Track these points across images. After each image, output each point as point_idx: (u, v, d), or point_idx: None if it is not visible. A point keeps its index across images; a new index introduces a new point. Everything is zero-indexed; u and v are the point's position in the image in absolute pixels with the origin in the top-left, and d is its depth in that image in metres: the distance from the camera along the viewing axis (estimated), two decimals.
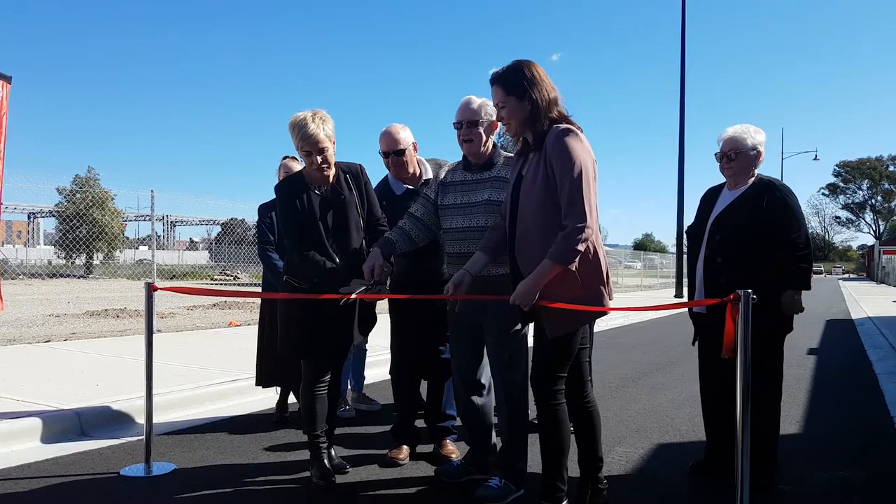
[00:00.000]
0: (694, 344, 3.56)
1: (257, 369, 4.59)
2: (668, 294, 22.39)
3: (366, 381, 5.06)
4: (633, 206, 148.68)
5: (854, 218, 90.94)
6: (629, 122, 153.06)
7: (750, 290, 2.62)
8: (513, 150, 3.12)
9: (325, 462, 3.29)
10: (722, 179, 3.51)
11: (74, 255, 24.47)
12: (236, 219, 23.39)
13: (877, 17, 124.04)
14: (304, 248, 3.20)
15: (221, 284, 23.80)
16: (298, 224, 3.21)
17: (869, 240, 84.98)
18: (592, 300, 2.75)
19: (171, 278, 22.05)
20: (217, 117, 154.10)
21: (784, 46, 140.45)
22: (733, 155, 3.33)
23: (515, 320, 3.06)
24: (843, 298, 22.29)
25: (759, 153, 3.34)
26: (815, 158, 48.26)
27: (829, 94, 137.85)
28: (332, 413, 3.41)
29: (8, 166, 4.63)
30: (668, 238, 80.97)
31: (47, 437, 3.96)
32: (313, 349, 3.27)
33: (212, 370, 5.74)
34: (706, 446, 3.53)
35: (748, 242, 3.23)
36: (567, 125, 2.76)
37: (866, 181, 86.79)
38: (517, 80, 2.78)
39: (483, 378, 3.37)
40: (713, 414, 3.46)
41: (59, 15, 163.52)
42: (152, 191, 9.95)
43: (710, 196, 3.54)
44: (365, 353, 5.02)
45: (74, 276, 24.62)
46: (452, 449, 3.73)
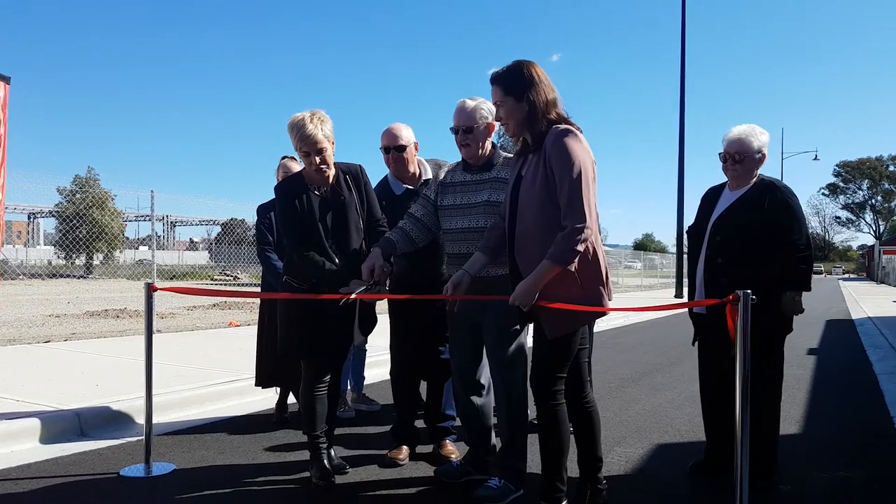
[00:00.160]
0: (694, 344, 3.56)
1: (257, 370, 4.59)
2: (668, 294, 22.39)
3: (365, 382, 5.05)
4: (633, 206, 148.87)
5: (854, 218, 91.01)
6: (629, 122, 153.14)
7: (749, 291, 2.62)
8: (512, 150, 3.12)
9: (325, 462, 3.29)
10: (722, 178, 3.50)
11: (74, 256, 24.45)
12: (236, 219, 23.36)
13: (877, 17, 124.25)
14: (303, 248, 3.19)
15: (221, 285, 23.81)
16: (298, 225, 3.21)
17: (869, 240, 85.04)
18: (592, 300, 2.75)
19: (171, 278, 22.06)
20: (217, 117, 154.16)
21: (784, 47, 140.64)
22: (739, 157, 3.30)
23: (515, 321, 3.06)
24: (843, 298, 22.30)
25: (763, 156, 3.33)
26: (815, 158, 48.29)
27: (829, 94, 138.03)
28: (331, 413, 3.41)
29: (8, 166, 4.62)
30: (668, 238, 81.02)
31: (47, 438, 3.96)
32: (313, 350, 3.27)
33: (211, 370, 5.74)
34: (706, 446, 3.53)
35: (749, 243, 3.22)
36: (566, 126, 2.75)
37: (866, 181, 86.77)
38: (516, 81, 2.78)
39: (482, 378, 3.37)
40: (713, 414, 3.46)
41: (59, 15, 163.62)
42: (152, 191, 9.94)
43: (711, 196, 3.53)
44: (365, 354, 5.02)
45: (74, 276, 24.62)
46: (452, 449, 3.73)
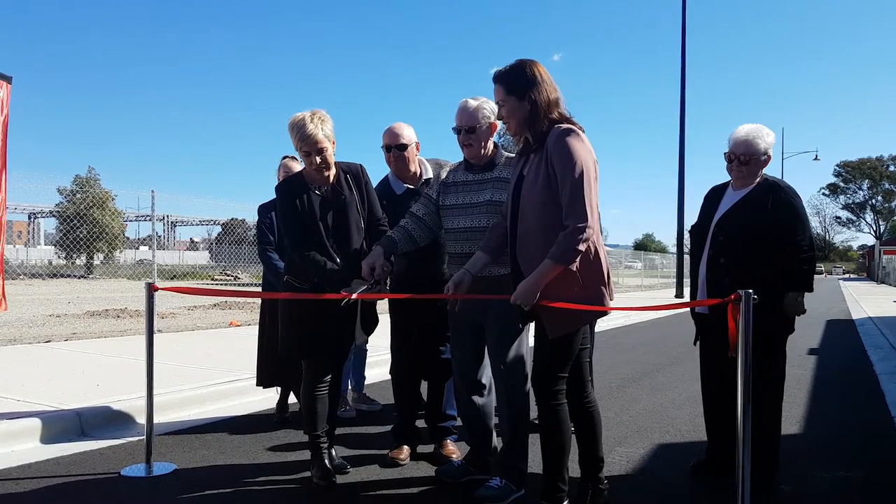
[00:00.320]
0: (696, 344, 3.55)
1: (258, 369, 4.59)
2: (669, 294, 22.37)
3: (366, 382, 5.05)
4: (634, 206, 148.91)
5: (854, 218, 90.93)
6: (629, 122, 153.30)
7: (751, 291, 2.61)
8: (514, 149, 3.12)
9: (326, 462, 3.29)
10: (723, 177, 3.50)
11: (75, 256, 24.49)
12: (236, 219, 23.40)
13: (877, 17, 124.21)
14: (304, 248, 3.19)
15: (222, 284, 23.82)
16: (299, 224, 3.21)
17: (869, 240, 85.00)
18: (593, 300, 2.75)
19: (172, 278, 22.10)
20: (217, 117, 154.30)
21: (784, 46, 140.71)
22: (745, 159, 3.28)
23: (516, 320, 3.06)
24: (843, 298, 22.29)
25: (769, 157, 3.31)
26: (815, 158, 48.28)
27: (830, 94, 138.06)
28: (332, 413, 3.41)
29: (8, 166, 4.62)
30: (668, 238, 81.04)
31: (48, 438, 3.96)
32: (314, 349, 3.27)
33: (212, 370, 5.73)
34: (707, 446, 3.53)
35: (752, 243, 3.21)
36: (568, 125, 2.75)
37: (867, 181, 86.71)
38: (518, 80, 2.78)
39: (484, 378, 3.37)
40: (714, 414, 3.46)
41: (59, 15, 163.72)
42: (153, 191, 9.96)
43: (714, 195, 3.52)
44: (365, 354, 5.02)
45: (75, 276, 24.65)
46: (453, 449, 3.72)
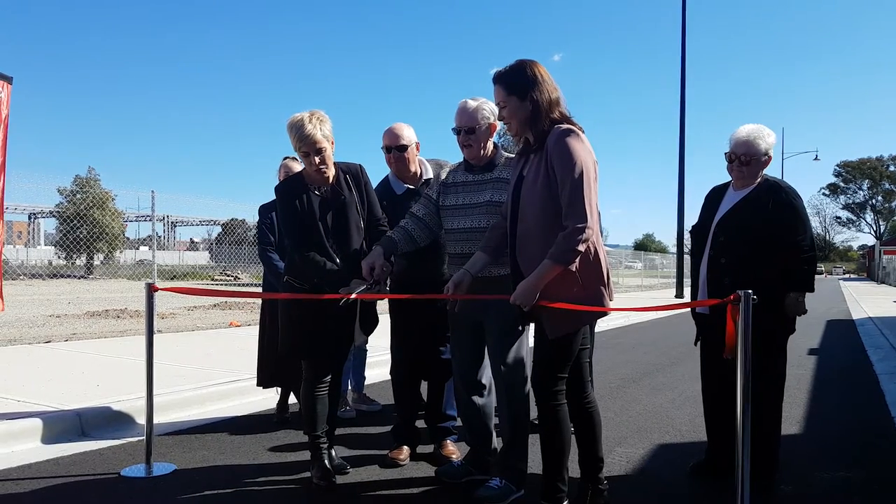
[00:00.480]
0: (696, 344, 3.55)
1: (258, 370, 4.59)
2: (669, 294, 22.37)
3: (366, 382, 5.06)
4: (634, 206, 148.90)
5: (855, 218, 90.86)
6: (629, 122, 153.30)
7: (750, 291, 2.61)
8: (513, 150, 3.11)
9: (326, 462, 3.29)
10: (724, 177, 3.50)
11: (75, 256, 24.49)
12: (237, 219, 23.37)
13: (877, 17, 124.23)
14: (304, 248, 3.19)
15: (222, 285, 23.81)
16: (298, 225, 3.21)
17: (869, 240, 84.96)
18: (593, 300, 2.75)
19: (172, 279, 22.10)
20: (217, 117, 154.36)
21: (784, 46, 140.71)
22: (745, 160, 3.27)
23: (516, 321, 3.06)
24: (843, 298, 22.29)
25: (769, 157, 3.31)
26: (815, 158, 48.29)
27: (830, 94, 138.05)
28: (332, 413, 3.41)
29: (8, 166, 4.62)
30: (668, 238, 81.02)
31: (48, 438, 3.96)
32: (314, 350, 3.27)
33: (212, 370, 5.73)
34: (707, 446, 3.53)
35: (753, 244, 3.21)
36: (568, 125, 2.75)
37: (867, 181, 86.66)
38: (519, 80, 2.77)
39: (484, 378, 3.37)
40: (714, 414, 3.46)
41: (59, 15, 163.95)
42: (153, 191, 9.96)
43: (715, 195, 3.52)
44: (365, 354, 5.02)
45: (75, 276, 24.63)
46: (453, 449, 3.72)
